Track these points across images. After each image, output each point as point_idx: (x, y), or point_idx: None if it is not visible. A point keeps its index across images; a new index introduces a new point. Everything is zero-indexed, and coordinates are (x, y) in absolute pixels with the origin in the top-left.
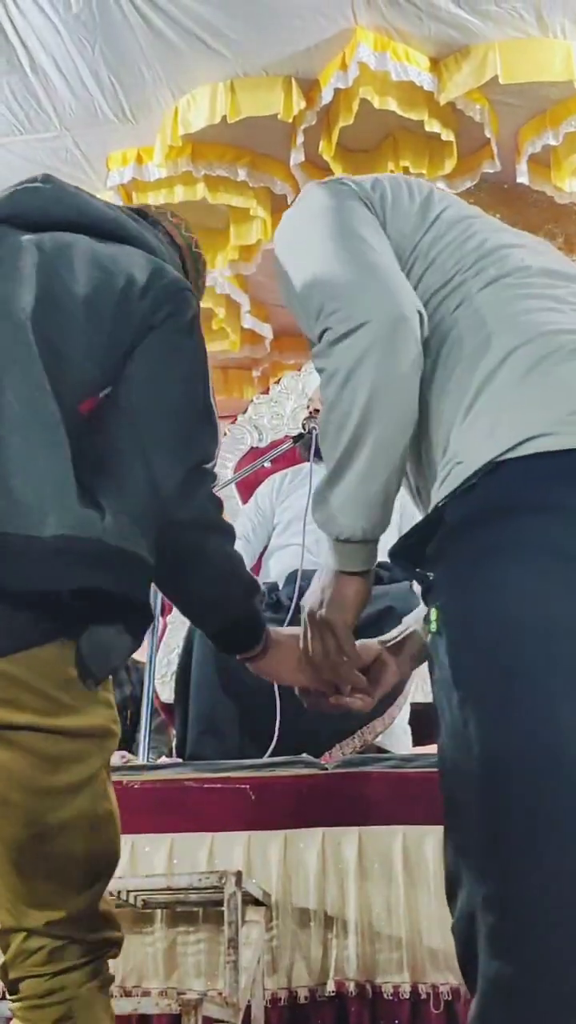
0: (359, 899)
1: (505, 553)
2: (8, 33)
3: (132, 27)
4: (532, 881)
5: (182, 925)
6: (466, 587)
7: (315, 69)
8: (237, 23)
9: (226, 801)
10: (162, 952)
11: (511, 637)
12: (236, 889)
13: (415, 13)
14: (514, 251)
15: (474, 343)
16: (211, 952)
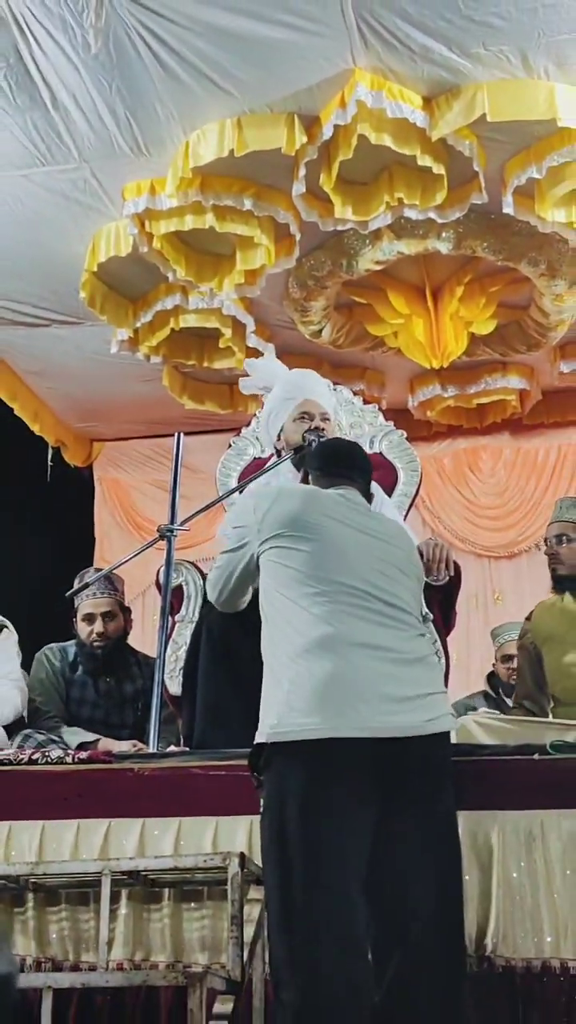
0: None
1: None
2: (31, 72)
3: (147, 67)
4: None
5: (188, 903)
6: None
7: (316, 107)
8: (244, 64)
9: (230, 787)
10: (169, 928)
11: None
12: (239, 870)
13: (409, 55)
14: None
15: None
16: (215, 928)
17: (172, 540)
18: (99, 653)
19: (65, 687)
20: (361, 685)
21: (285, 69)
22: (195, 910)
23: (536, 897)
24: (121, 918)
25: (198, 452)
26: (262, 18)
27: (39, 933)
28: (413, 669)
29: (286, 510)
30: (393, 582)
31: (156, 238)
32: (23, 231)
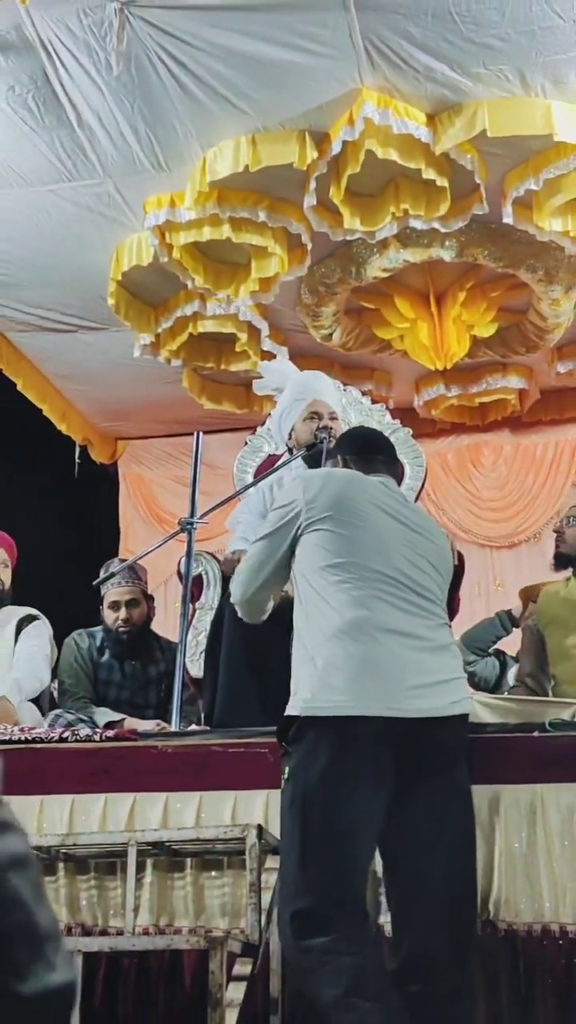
0: None
1: None
2: (58, 93)
3: (166, 88)
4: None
5: (209, 872)
6: None
7: (326, 124)
8: (257, 84)
9: (248, 763)
10: (192, 895)
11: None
12: (256, 840)
13: (413, 75)
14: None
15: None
16: (234, 895)
17: (192, 532)
18: (124, 638)
19: (93, 670)
20: (391, 669)
21: (296, 89)
22: (216, 878)
23: (536, 866)
24: (146, 886)
25: (216, 450)
26: (274, 41)
27: (70, 900)
28: (438, 657)
29: (335, 493)
30: (423, 573)
31: (176, 248)
32: (51, 243)
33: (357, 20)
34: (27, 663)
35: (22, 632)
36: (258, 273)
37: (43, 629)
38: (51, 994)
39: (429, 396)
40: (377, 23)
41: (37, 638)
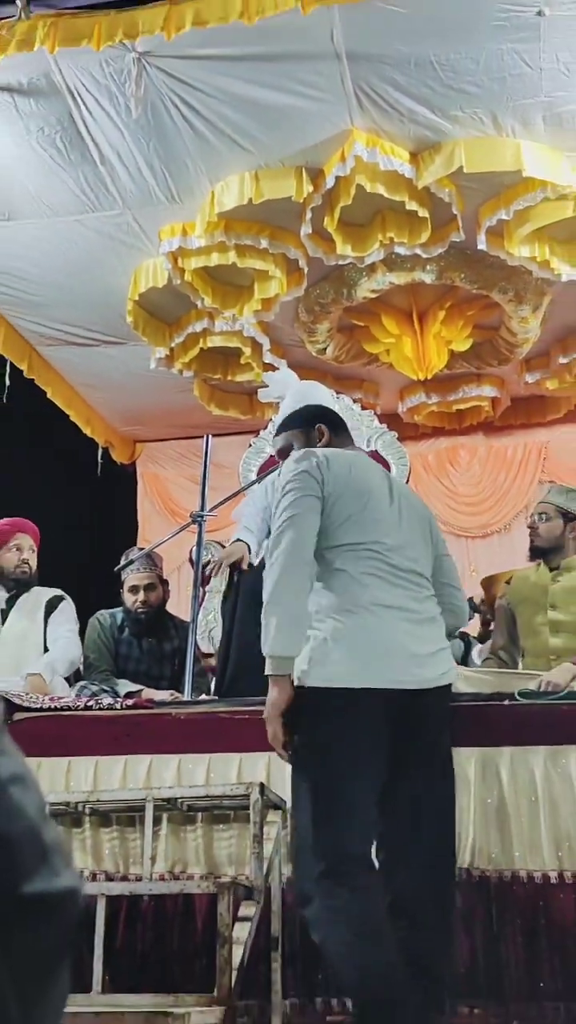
0: None
1: None
2: (82, 133)
3: (179, 129)
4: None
5: (218, 825)
6: None
7: (320, 161)
8: (260, 126)
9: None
10: (202, 846)
11: None
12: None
13: (398, 117)
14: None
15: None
16: (240, 846)
17: (203, 524)
18: (142, 618)
19: (114, 646)
20: (389, 643)
21: (294, 130)
22: (223, 831)
23: (506, 819)
24: (162, 838)
25: (223, 451)
26: (275, 87)
27: (95, 850)
28: (427, 628)
29: (339, 474)
30: (415, 547)
31: (187, 272)
32: (76, 267)
33: (348, 68)
34: (63, 646)
35: (52, 613)
36: (260, 294)
37: (69, 610)
38: (55, 896)
39: (412, 403)
40: (366, 71)
41: (68, 621)
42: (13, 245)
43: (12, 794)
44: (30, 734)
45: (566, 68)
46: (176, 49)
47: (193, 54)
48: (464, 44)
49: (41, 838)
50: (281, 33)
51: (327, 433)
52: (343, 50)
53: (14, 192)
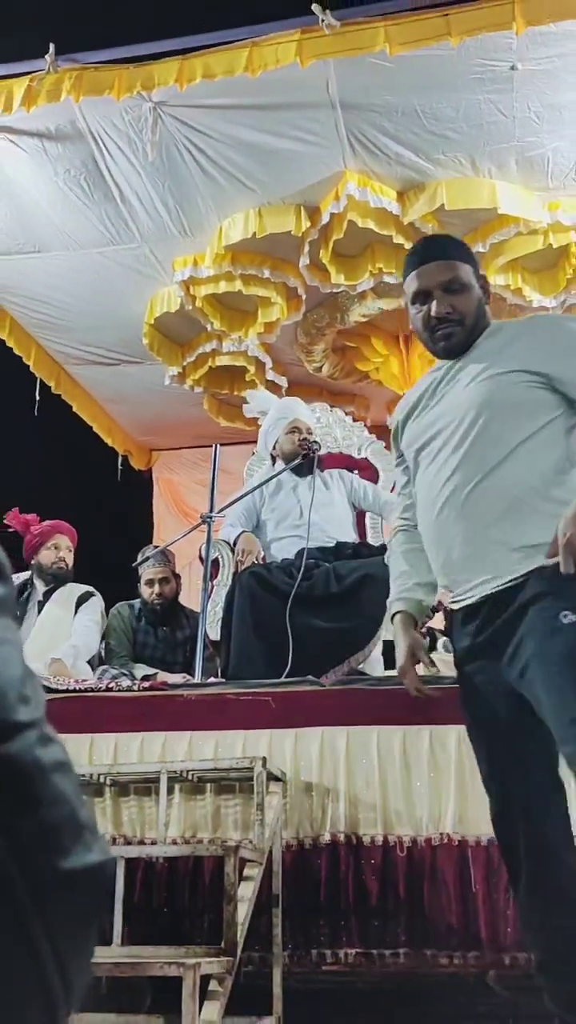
0: (346, 777)
1: None
2: (104, 175)
3: (190, 170)
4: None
5: (225, 795)
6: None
7: (317, 199)
8: (263, 168)
9: (255, 708)
10: (211, 813)
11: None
12: (262, 770)
13: (387, 160)
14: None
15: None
16: (245, 813)
17: (211, 524)
18: (158, 609)
19: (132, 634)
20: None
21: (293, 171)
22: (230, 800)
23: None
24: (175, 806)
25: (230, 458)
26: (276, 133)
27: (115, 817)
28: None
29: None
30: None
31: (198, 299)
32: (98, 295)
33: (342, 116)
34: (84, 634)
35: (82, 606)
36: (263, 318)
37: (98, 605)
38: (89, 869)
39: None
40: (358, 119)
41: (93, 612)
42: (43, 275)
43: (56, 782)
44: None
45: (536, 116)
46: (188, 99)
47: (203, 103)
48: (445, 95)
49: (78, 819)
50: (282, 85)
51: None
52: (337, 100)
53: (44, 227)
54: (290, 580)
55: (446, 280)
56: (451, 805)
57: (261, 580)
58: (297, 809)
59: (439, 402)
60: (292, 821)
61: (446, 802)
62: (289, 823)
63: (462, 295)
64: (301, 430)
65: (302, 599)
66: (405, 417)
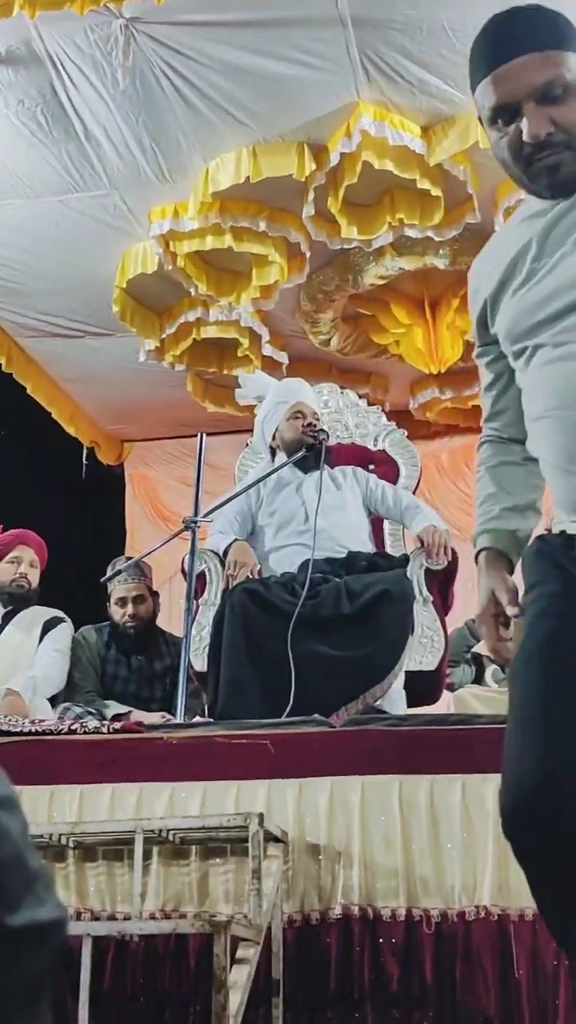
0: (362, 837)
1: None
2: (66, 107)
3: (170, 101)
4: None
5: (213, 859)
6: None
7: (324, 136)
8: (258, 98)
9: (250, 754)
10: (196, 881)
11: None
12: (259, 828)
13: (409, 89)
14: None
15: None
16: (237, 882)
17: (196, 530)
18: (131, 633)
19: (101, 664)
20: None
21: (295, 102)
22: (219, 865)
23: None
24: (152, 873)
25: (219, 451)
26: (275, 56)
27: (79, 886)
28: None
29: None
30: None
31: (179, 257)
32: (59, 252)
33: (354, 35)
34: (47, 665)
35: (48, 633)
36: (259, 281)
37: (67, 633)
38: (40, 927)
39: (424, 399)
40: (373, 38)
41: (59, 641)
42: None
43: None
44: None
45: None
46: (166, 14)
47: (185, 20)
48: (480, 7)
49: (26, 865)
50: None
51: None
52: (348, 15)
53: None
54: (292, 598)
55: (542, 83)
56: (489, 872)
57: (257, 598)
58: (301, 876)
59: (556, 264)
60: (295, 891)
61: (483, 868)
62: (292, 894)
63: (568, 103)
64: (305, 415)
65: (307, 621)
66: (498, 289)
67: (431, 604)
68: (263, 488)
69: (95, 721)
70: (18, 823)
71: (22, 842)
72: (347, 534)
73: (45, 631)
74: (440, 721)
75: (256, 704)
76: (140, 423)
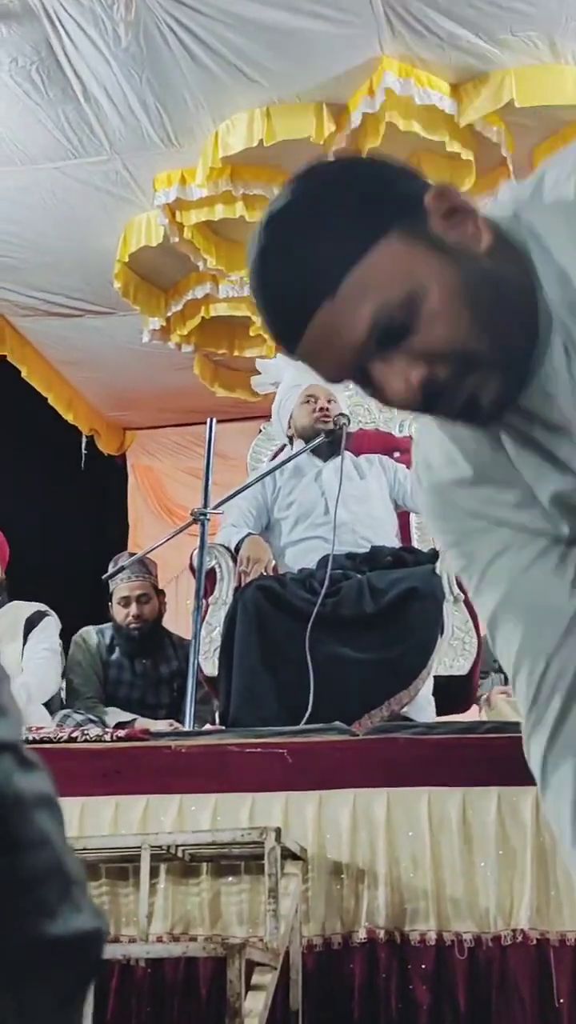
0: (388, 854)
1: None
2: (63, 65)
3: (176, 58)
4: None
5: (225, 877)
6: None
7: (344, 95)
8: (272, 54)
9: (265, 764)
10: (208, 902)
11: None
12: (275, 844)
13: (437, 43)
14: None
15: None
16: (252, 902)
17: (205, 524)
18: (135, 635)
19: (103, 668)
20: None
21: (313, 58)
22: (233, 884)
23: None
24: (160, 892)
25: (229, 439)
26: (290, 8)
27: None
28: None
29: None
30: None
31: (187, 228)
32: (56, 223)
33: None
34: (38, 669)
35: (32, 631)
36: None
37: (52, 628)
38: (79, 937)
39: None
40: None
41: (48, 639)
42: None
43: (37, 819)
44: None
45: None
46: None
47: None
48: None
49: (65, 871)
50: None
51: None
52: None
53: None
54: (310, 596)
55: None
56: (526, 892)
57: (272, 596)
58: (322, 897)
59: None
60: (315, 913)
61: (520, 888)
62: (311, 915)
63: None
64: (317, 397)
65: (326, 621)
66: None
67: (462, 603)
68: (279, 479)
69: (97, 729)
70: (58, 824)
71: (61, 845)
72: (371, 528)
73: (28, 629)
74: (472, 729)
75: (271, 711)
76: (143, 410)
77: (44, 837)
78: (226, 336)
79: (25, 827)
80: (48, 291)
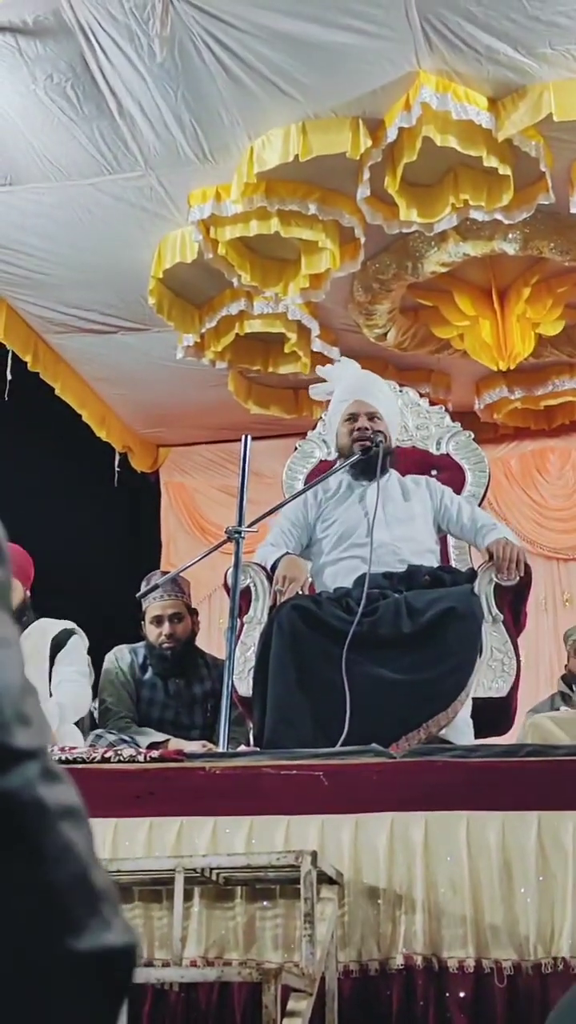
0: (426, 879)
1: None
2: (98, 81)
3: (212, 74)
4: None
5: (260, 901)
6: None
7: (380, 110)
8: (307, 69)
9: (301, 786)
10: (242, 926)
11: None
12: (311, 868)
13: (475, 57)
14: None
15: None
16: (288, 927)
17: (240, 542)
18: (168, 655)
19: (135, 688)
20: None
21: (349, 73)
22: (268, 908)
23: None
24: (194, 915)
25: (263, 456)
26: (325, 22)
27: None
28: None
29: None
30: None
31: (221, 244)
32: (90, 240)
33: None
34: (70, 689)
35: (59, 653)
36: (308, 269)
37: (80, 647)
38: (108, 954)
39: (491, 399)
40: (435, 1)
41: (77, 659)
42: (16, 214)
43: (62, 831)
44: None
45: None
46: None
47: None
48: None
49: (92, 885)
50: None
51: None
52: None
53: (17, 151)
54: (346, 615)
55: None
56: (568, 919)
57: (307, 616)
58: (359, 922)
59: None
60: (352, 938)
61: (561, 915)
62: (348, 941)
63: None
64: (358, 415)
65: (363, 641)
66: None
67: (501, 624)
68: (323, 496)
69: (130, 749)
70: (84, 837)
71: (88, 858)
72: (412, 551)
73: (55, 650)
74: (513, 752)
75: (307, 732)
76: (177, 426)
77: (68, 848)
78: (260, 353)
79: (48, 837)
80: (82, 307)
